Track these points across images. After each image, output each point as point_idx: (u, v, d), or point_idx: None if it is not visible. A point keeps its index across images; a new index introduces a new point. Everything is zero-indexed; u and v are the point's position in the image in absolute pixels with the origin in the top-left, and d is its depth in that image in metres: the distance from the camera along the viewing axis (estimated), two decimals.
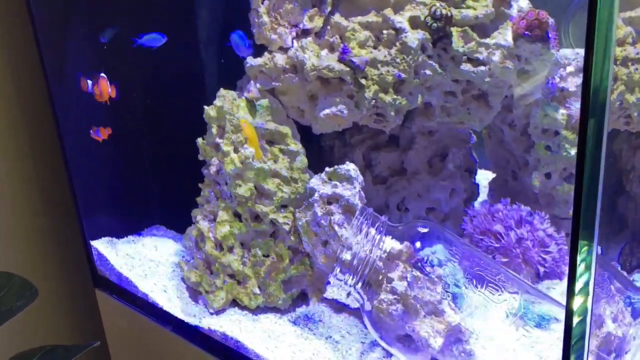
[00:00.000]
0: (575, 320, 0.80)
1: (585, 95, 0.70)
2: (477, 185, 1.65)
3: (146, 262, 1.62)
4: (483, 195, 1.70)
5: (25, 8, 1.49)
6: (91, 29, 1.54)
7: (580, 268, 0.77)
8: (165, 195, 1.71)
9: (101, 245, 1.69)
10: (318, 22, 1.36)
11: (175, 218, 1.67)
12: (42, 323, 1.83)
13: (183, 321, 1.41)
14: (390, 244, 1.17)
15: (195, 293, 1.47)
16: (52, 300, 1.83)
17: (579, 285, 0.78)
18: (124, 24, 1.54)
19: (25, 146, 1.71)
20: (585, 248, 0.76)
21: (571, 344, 0.81)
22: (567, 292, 0.79)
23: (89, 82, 1.42)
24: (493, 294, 1.11)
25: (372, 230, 1.19)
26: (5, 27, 1.62)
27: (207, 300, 1.41)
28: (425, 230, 1.19)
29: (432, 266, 1.15)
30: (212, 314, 1.40)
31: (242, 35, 1.36)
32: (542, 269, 1.40)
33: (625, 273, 1.34)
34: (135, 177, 1.67)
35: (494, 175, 1.70)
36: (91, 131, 1.48)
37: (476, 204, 1.65)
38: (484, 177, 1.75)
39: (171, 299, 1.48)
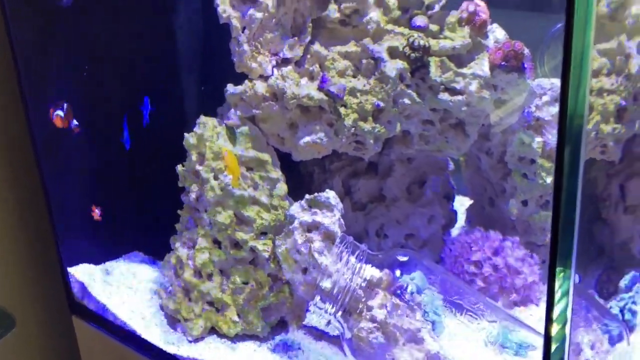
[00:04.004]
0: (554, 347, 0.81)
1: (561, 124, 0.71)
2: (455, 212, 1.66)
3: (124, 289, 1.61)
4: (461, 221, 1.71)
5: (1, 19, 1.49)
6: (71, 46, 1.54)
7: (558, 296, 0.78)
8: (144, 222, 1.70)
9: (78, 271, 1.67)
10: (298, 51, 1.37)
11: (154, 244, 1.65)
12: (18, 350, 1.80)
13: (161, 349, 1.40)
14: (370, 272, 1.17)
15: (173, 320, 1.45)
16: (28, 328, 1.81)
17: (556, 312, 0.79)
18: (103, 45, 1.54)
19: (2, 171, 1.70)
20: (563, 275, 0.77)
21: None
22: (545, 320, 0.80)
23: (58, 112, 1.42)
24: (472, 322, 1.12)
25: (352, 259, 1.19)
26: None
27: (186, 327, 1.40)
28: (405, 258, 1.20)
29: (412, 294, 1.16)
30: (190, 341, 1.39)
31: None
32: (516, 296, 1.41)
33: (602, 301, 1.35)
34: (113, 203, 1.66)
35: (471, 201, 1.72)
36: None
37: (454, 231, 1.66)
38: (461, 204, 1.77)
39: (149, 327, 1.47)
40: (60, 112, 1.41)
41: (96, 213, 1.51)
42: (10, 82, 1.57)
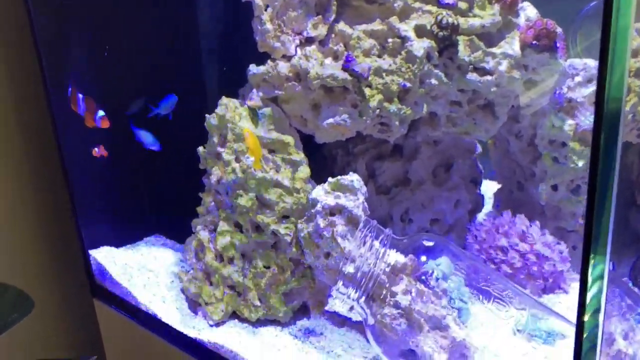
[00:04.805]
0: (586, 336, 0.78)
1: (598, 106, 0.68)
2: (482, 196, 1.63)
3: (145, 272, 1.60)
4: (488, 206, 1.68)
5: (25, 13, 1.48)
6: (91, 35, 1.53)
7: (591, 283, 0.75)
8: (165, 204, 1.69)
9: (100, 254, 1.66)
10: (322, 30, 1.34)
11: (175, 227, 1.64)
12: (39, 333, 1.80)
13: (182, 333, 1.38)
14: (395, 257, 1.14)
15: (194, 304, 1.44)
16: (49, 311, 1.81)
17: (589, 301, 0.76)
18: (124, 31, 1.52)
19: (24, 155, 1.69)
20: (597, 263, 0.74)
21: None
22: (578, 308, 0.77)
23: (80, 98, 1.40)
24: (500, 310, 1.08)
25: (376, 243, 1.16)
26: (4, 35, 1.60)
27: (207, 312, 1.38)
28: (431, 243, 1.17)
29: (437, 280, 1.13)
30: (211, 326, 1.38)
31: None
32: (543, 283, 1.38)
33: (636, 289, 1.31)
34: (134, 185, 1.64)
35: (499, 186, 1.68)
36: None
37: (481, 215, 1.62)
38: (489, 188, 1.73)
39: (170, 310, 1.45)
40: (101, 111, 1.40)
41: (95, 151, 1.46)
42: (31, 69, 1.56)
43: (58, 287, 1.83)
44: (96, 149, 1.46)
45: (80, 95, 1.40)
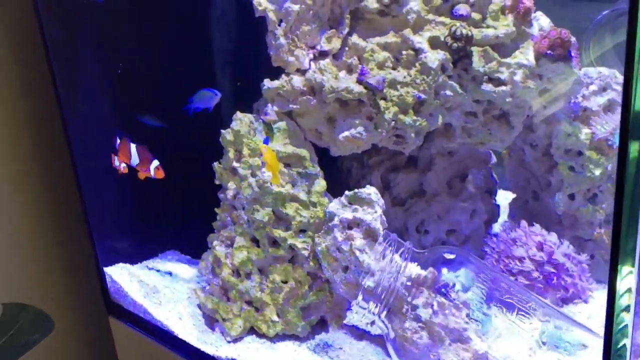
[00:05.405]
0: (614, 348, 0.78)
1: (625, 116, 0.68)
2: (498, 206, 1.62)
3: (161, 289, 1.59)
4: (503, 216, 1.67)
5: (36, 21, 1.48)
6: (102, 47, 1.53)
7: (619, 295, 0.75)
8: (181, 220, 1.68)
9: (115, 271, 1.66)
10: (336, 44, 1.34)
11: (191, 243, 1.64)
12: (54, 352, 1.79)
13: (200, 350, 1.38)
14: (415, 270, 1.14)
15: (211, 320, 1.43)
16: (65, 329, 1.80)
17: (617, 312, 0.76)
18: (137, 45, 1.52)
19: (38, 174, 1.69)
20: (625, 274, 0.74)
21: None
22: (605, 319, 0.76)
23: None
24: (524, 322, 1.08)
25: (397, 257, 1.16)
26: (17, 48, 1.60)
27: (224, 328, 1.37)
28: (452, 256, 1.16)
29: (457, 292, 1.12)
30: (229, 342, 1.37)
31: None
32: (563, 293, 1.37)
33: None
34: (149, 201, 1.64)
35: (514, 195, 1.67)
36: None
37: (497, 226, 1.61)
38: (503, 198, 1.72)
39: (187, 327, 1.45)
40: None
41: (123, 169, 1.41)
42: (45, 84, 1.56)
43: (73, 305, 1.82)
44: (122, 165, 1.43)
45: (133, 145, 1.38)
